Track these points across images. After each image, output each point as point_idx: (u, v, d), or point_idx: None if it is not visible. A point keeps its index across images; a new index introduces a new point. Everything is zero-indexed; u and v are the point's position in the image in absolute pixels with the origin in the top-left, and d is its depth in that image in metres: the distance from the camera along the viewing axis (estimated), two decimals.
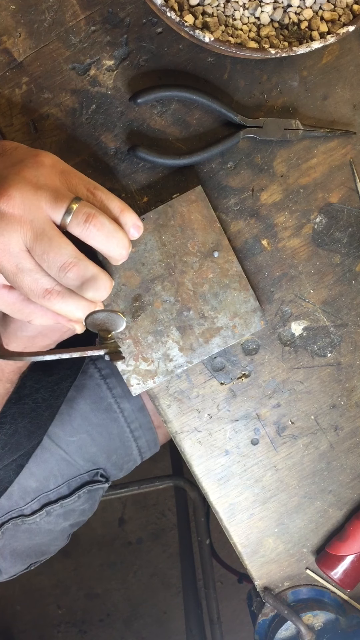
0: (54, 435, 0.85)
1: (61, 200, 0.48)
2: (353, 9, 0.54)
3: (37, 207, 0.47)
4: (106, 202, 0.51)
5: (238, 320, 0.60)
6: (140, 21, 0.57)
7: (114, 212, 0.52)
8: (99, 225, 0.49)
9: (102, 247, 0.50)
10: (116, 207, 0.52)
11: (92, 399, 0.87)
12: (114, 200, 0.52)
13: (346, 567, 0.65)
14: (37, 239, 0.47)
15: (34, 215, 0.47)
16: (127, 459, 0.93)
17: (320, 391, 0.64)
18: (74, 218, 0.48)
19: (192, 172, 0.60)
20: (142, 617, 1.82)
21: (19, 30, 0.56)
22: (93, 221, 0.48)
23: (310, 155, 0.61)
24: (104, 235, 0.49)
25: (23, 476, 0.83)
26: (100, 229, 0.49)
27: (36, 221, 0.47)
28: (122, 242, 0.51)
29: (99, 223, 0.49)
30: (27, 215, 0.47)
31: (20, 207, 0.47)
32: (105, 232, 0.49)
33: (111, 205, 0.51)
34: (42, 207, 0.47)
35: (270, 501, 0.66)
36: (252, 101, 0.60)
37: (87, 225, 0.48)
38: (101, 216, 0.49)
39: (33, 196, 0.47)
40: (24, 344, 0.61)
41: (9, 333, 0.60)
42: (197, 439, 0.64)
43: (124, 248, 0.51)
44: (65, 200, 0.48)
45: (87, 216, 0.48)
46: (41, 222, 0.47)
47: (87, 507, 0.92)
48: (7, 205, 0.47)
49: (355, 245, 0.63)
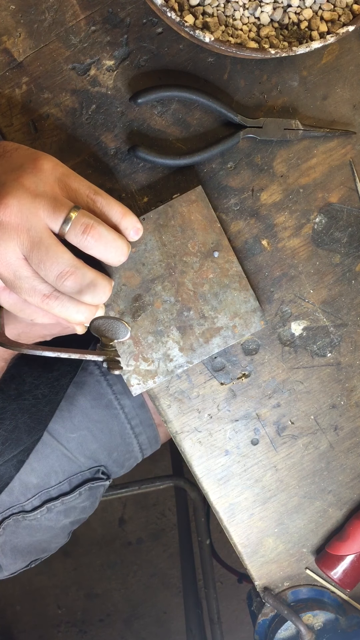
0: (55, 432, 0.86)
1: (59, 209, 0.48)
2: (353, 9, 0.54)
3: (34, 216, 0.47)
4: (106, 207, 0.51)
5: (238, 320, 0.60)
6: (141, 21, 0.57)
7: (115, 218, 0.52)
8: (97, 236, 0.49)
9: (101, 256, 0.51)
10: (117, 212, 0.52)
11: (92, 395, 0.88)
12: (114, 206, 0.52)
13: (346, 567, 0.65)
14: (34, 247, 0.47)
15: (31, 223, 0.47)
16: (128, 456, 0.93)
17: (320, 391, 0.64)
18: (72, 228, 0.48)
19: (192, 172, 0.60)
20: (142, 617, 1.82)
21: (19, 30, 0.56)
22: (91, 232, 0.49)
23: (310, 155, 0.61)
24: (102, 245, 0.50)
25: (24, 472, 0.84)
26: (98, 239, 0.49)
27: (33, 230, 0.47)
28: (120, 250, 0.51)
29: (97, 234, 0.49)
30: (25, 223, 0.47)
31: (17, 216, 0.47)
32: (103, 242, 0.49)
33: (111, 210, 0.52)
34: (40, 216, 0.47)
35: (270, 501, 0.66)
36: (252, 101, 0.60)
37: (85, 236, 0.49)
38: (99, 226, 0.49)
39: (31, 204, 0.47)
40: (22, 328, 0.61)
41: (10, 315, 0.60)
42: (197, 439, 0.64)
43: (122, 255, 0.51)
44: (63, 209, 0.48)
45: (85, 227, 0.48)
46: (38, 231, 0.47)
47: (88, 504, 0.92)
48: (4, 214, 0.47)
49: (355, 245, 0.63)
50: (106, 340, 0.50)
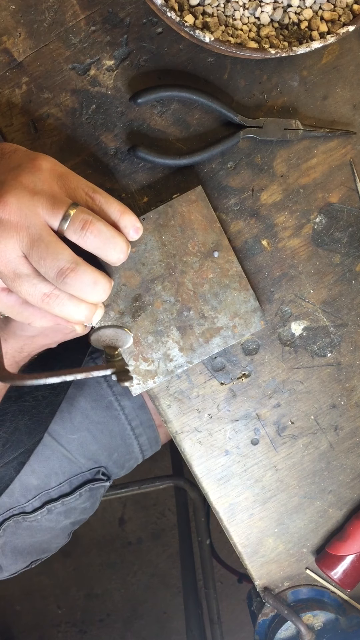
0: (55, 433, 0.86)
1: (58, 206, 0.48)
2: (353, 9, 0.54)
3: (33, 214, 0.47)
4: (105, 205, 0.51)
5: (238, 320, 0.60)
6: (141, 21, 0.57)
7: (114, 216, 0.52)
8: (96, 232, 0.49)
9: (100, 252, 0.50)
10: (115, 210, 0.52)
11: (92, 396, 0.88)
12: (113, 204, 0.52)
13: (346, 567, 0.65)
14: (33, 245, 0.47)
15: (31, 221, 0.47)
16: (129, 457, 0.93)
17: (320, 391, 0.64)
18: (70, 225, 0.48)
19: (192, 172, 0.60)
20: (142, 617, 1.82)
21: (19, 30, 0.56)
22: (90, 228, 0.49)
23: (310, 155, 0.61)
24: (101, 242, 0.49)
25: (24, 473, 0.84)
26: (97, 235, 0.49)
27: (33, 227, 0.47)
28: (119, 247, 0.51)
29: (96, 230, 0.49)
30: (24, 221, 0.47)
31: (16, 214, 0.47)
32: (102, 239, 0.49)
33: (110, 208, 0.51)
34: (39, 214, 0.47)
35: (270, 501, 0.66)
36: (252, 101, 0.60)
37: (84, 232, 0.48)
38: (98, 222, 0.49)
39: (30, 202, 0.47)
40: (24, 342, 0.61)
41: (9, 331, 0.60)
42: (197, 439, 0.64)
43: (121, 253, 0.51)
44: (62, 206, 0.48)
45: (84, 223, 0.48)
46: (38, 229, 0.47)
47: (88, 505, 0.92)
48: (4, 212, 0.47)
49: (355, 245, 0.63)
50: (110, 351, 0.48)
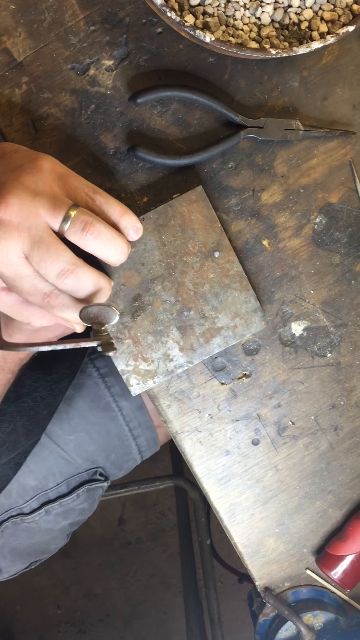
0: (53, 434, 0.85)
1: (59, 208, 0.48)
2: (353, 9, 0.54)
3: (34, 215, 0.47)
4: (105, 206, 0.51)
5: (239, 321, 0.60)
6: (140, 21, 0.57)
7: (114, 216, 0.52)
8: (96, 233, 0.49)
9: (100, 253, 0.51)
10: (116, 211, 0.52)
11: (90, 397, 0.88)
12: (113, 204, 0.52)
13: (346, 567, 0.65)
14: (34, 246, 0.47)
15: (32, 222, 0.47)
16: (127, 458, 0.93)
17: (320, 391, 0.64)
18: (71, 226, 0.48)
19: (192, 172, 0.60)
20: (142, 617, 1.82)
21: (19, 30, 0.56)
22: (90, 229, 0.49)
23: (311, 155, 0.61)
24: (101, 243, 0.50)
25: (22, 474, 0.84)
26: (97, 236, 0.49)
27: (34, 228, 0.47)
28: (119, 248, 0.51)
29: (97, 231, 0.49)
30: (25, 222, 0.47)
31: (18, 215, 0.47)
32: (102, 240, 0.49)
33: (110, 209, 0.52)
34: (40, 215, 0.48)
35: (270, 501, 0.66)
36: (253, 101, 0.60)
37: (85, 233, 0.49)
38: (99, 224, 0.49)
39: (31, 203, 0.47)
40: (28, 336, 0.61)
41: (14, 326, 0.60)
42: (198, 439, 0.64)
43: (121, 254, 0.51)
44: (63, 207, 0.48)
45: (84, 224, 0.48)
46: (39, 230, 0.47)
47: (87, 506, 0.92)
48: (5, 213, 0.47)
49: (355, 245, 0.63)
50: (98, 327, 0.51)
